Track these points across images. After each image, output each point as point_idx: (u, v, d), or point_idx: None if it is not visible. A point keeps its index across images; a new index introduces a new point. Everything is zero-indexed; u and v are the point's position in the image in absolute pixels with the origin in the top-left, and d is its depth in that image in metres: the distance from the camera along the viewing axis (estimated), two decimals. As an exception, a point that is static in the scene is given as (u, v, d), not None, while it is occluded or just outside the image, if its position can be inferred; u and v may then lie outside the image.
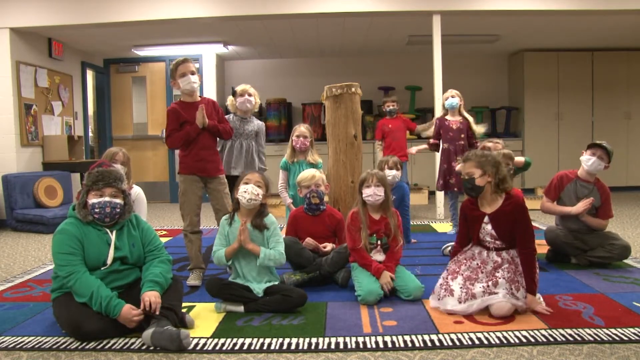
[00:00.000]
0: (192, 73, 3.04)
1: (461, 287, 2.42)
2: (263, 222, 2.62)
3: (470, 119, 4.44)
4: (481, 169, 2.43)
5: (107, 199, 2.29)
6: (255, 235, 2.60)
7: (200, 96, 3.19)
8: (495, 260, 2.46)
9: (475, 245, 2.56)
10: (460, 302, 2.38)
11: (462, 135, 4.37)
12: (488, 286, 2.38)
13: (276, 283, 2.61)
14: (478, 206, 2.52)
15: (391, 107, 5.26)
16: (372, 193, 2.74)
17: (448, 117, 4.52)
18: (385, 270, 2.66)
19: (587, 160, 3.23)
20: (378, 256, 2.77)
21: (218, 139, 3.24)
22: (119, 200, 2.33)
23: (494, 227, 2.45)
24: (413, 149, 5.21)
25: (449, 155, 4.34)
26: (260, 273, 2.61)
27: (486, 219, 2.47)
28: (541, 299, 2.49)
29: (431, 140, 4.62)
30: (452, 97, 4.42)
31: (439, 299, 2.47)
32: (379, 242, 2.78)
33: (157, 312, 2.15)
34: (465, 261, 2.53)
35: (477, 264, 2.49)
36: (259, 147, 3.81)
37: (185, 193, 3.10)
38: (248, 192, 2.57)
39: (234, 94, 3.71)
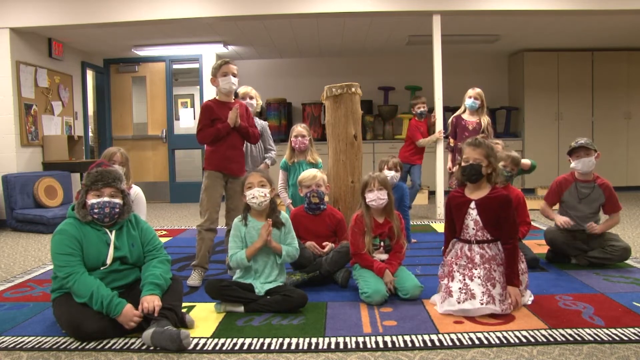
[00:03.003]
0: (234, 75, 3.13)
1: (460, 289, 2.41)
2: (280, 220, 2.66)
3: (485, 121, 4.44)
4: (487, 160, 2.47)
5: (106, 199, 2.29)
6: (273, 233, 2.64)
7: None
8: (480, 252, 2.46)
9: (458, 240, 2.56)
10: (459, 302, 2.38)
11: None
12: (487, 288, 2.38)
13: (281, 284, 2.61)
14: (464, 194, 2.54)
15: (422, 109, 5.25)
16: (376, 197, 2.74)
17: (465, 117, 4.51)
18: (387, 269, 2.66)
19: (577, 164, 3.22)
20: (380, 256, 2.77)
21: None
22: (118, 200, 2.33)
23: (480, 213, 2.46)
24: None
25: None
26: (273, 270, 2.63)
27: (472, 204, 2.49)
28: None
29: (452, 143, 4.61)
30: (475, 99, 4.45)
31: (441, 303, 2.46)
32: (382, 243, 2.78)
33: (157, 315, 2.15)
34: (454, 260, 2.53)
35: (465, 262, 2.48)
36: (266, 145, 3.88)
37: (207, 188, 3.14)
38: (255, 196, 2.60)
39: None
